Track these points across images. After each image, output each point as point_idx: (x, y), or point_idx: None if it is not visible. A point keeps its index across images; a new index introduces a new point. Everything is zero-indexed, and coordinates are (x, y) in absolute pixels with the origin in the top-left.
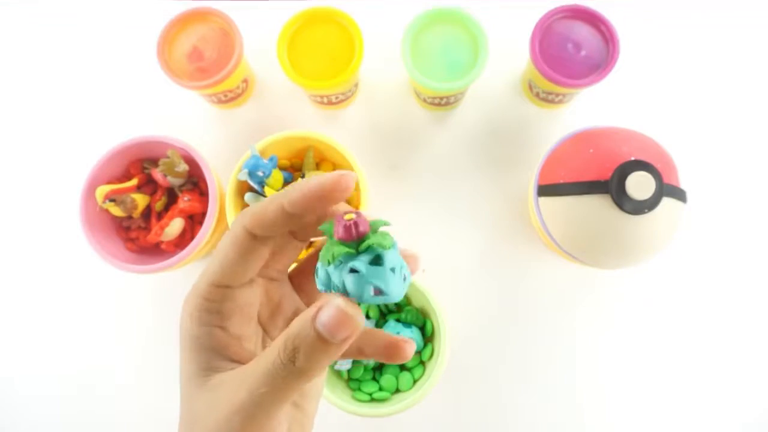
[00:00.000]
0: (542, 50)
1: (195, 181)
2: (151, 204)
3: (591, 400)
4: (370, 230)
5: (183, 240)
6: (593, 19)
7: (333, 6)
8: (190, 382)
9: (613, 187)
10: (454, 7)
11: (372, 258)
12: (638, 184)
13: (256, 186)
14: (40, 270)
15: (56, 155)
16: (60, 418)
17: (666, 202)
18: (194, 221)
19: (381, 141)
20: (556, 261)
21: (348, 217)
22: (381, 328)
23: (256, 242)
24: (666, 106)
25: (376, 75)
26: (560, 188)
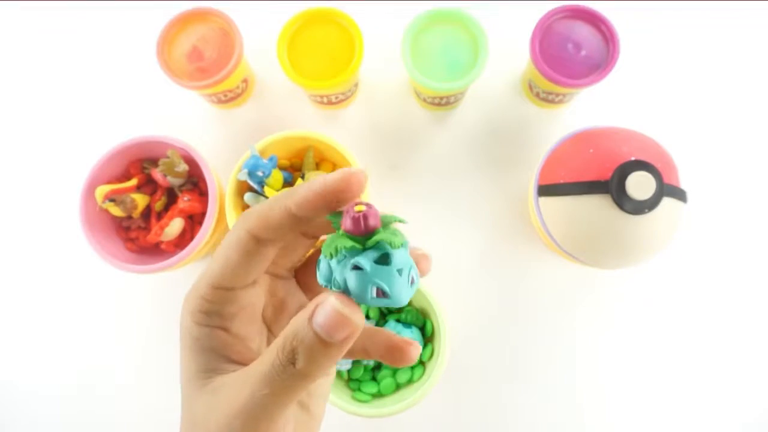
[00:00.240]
0: (542, 50)
1: (195, 181)
2: (151, 204)
3: (591, 400)
4: (381, 225)
5: (183, 240)
6: (593, 19)
7: (333, 6)
8: (191, 384)
9: (614, 187)
10: (454, 7)
11: (379, 256)
12: (638, 184)
13: (256, 186)
14: (40, 270)
15: (56, 155)
16: (60, 418)
17: (666, 202)
18: (194, 221)
19: (381, 141)
20: (556, 261)
21: (358, 209)
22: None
23: (260, 245)
24: (666, 106)
25: (376, 75)
26: (560, 188)
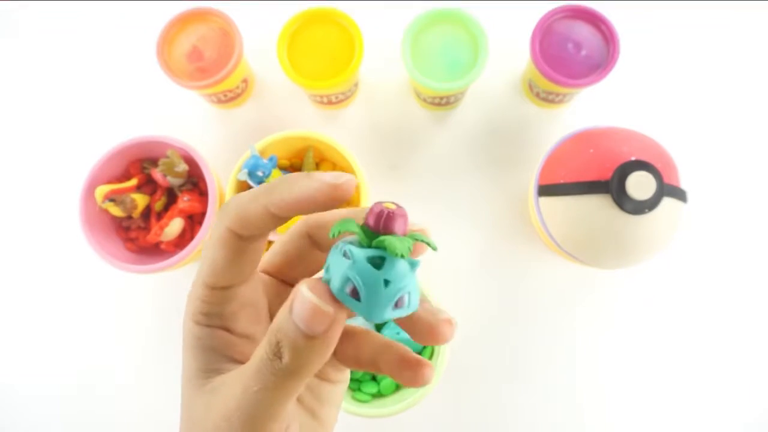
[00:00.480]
0: (542, 50)
1: (195, 181)
2: (151, 204)
3: (591, 400)
4: (404, 234)
5: (183, 240)
6: (593, 19)
7: (333, 6)
8: (190, 383)
9: (614, 187)
10: (454, 7)
11: (375, 258)
12: (638, 184)
13: (256, 186)
14: (40, 270)
15: (56, 155)
16: (60, 418)
17: (666, 202)
18: (194, 221)
19: (381, 141)
20: (556, 261)
21: (387, 206)
22: (380, 330)
23: (245, 242)
24: (666, 106)
25: (376, 75)
26: (560, 188)
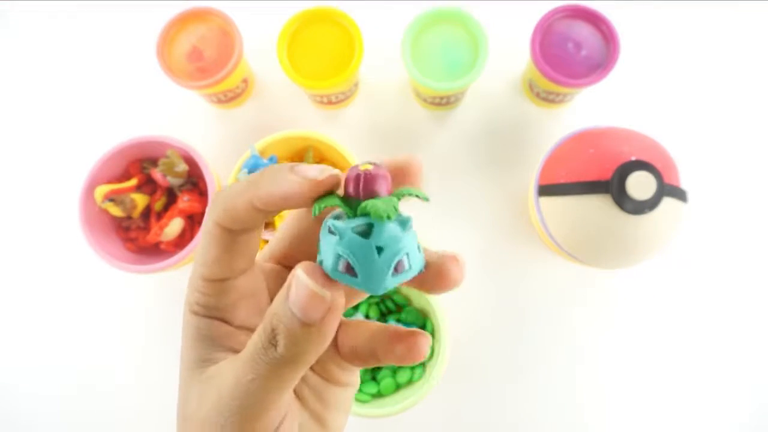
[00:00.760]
0: (543, 50)
1: (194, 181)
2: (151, 204)
3: (591, 400)
4: (389, 194)
5: (182, 240)
6: (594, 19)
7: (333, 6)
8: (186, 373)
9: (614, 187)
10: (454, 7)
11: (361, 226)
12: (639, 184)
13: None
14: (40, 270)
15: (56, 155)
16: (60, 417)
17: (666, 202)
18: (194, 221)
19: (381, 141)
20: (556, 261)
21: (364, 167)
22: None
23: (235, 235)
24: (666, 106)
25: (376, 75)
26: (561, 188)
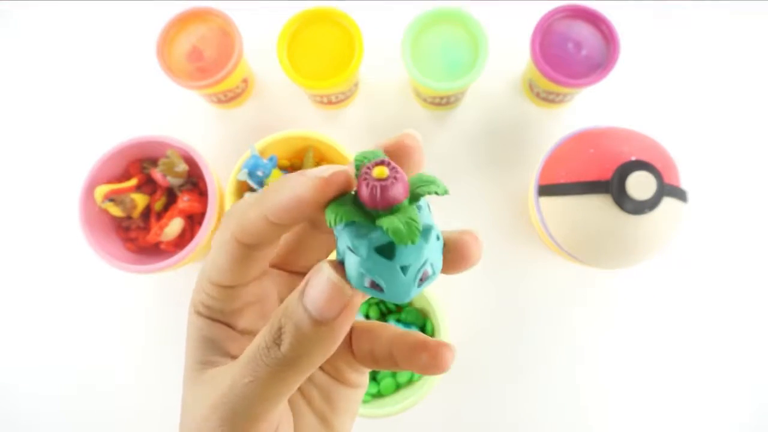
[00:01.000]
0: (543, 50)
1: (194, 181)
2: (151, 204)
3: (591, 399)
4: (407, 197)
5: (182, 240)
6: (594, 19)
7: (333, 6)
8: (187, 374)
9: (614, 187)
10: (454, 7)
11: (383, 244)
12: (639, 184)
13: (256, 186)
14: (40, 270)
15: (56, 155)
16: (60, 417)
17: (666, 202)
18: (194, 221)
19: (378, 142)
20: (556, 261)
21: (378, 174)
22: None
23: (249, 249)
24: (666, 106)
25: (376, 75)
26: (561, 188)
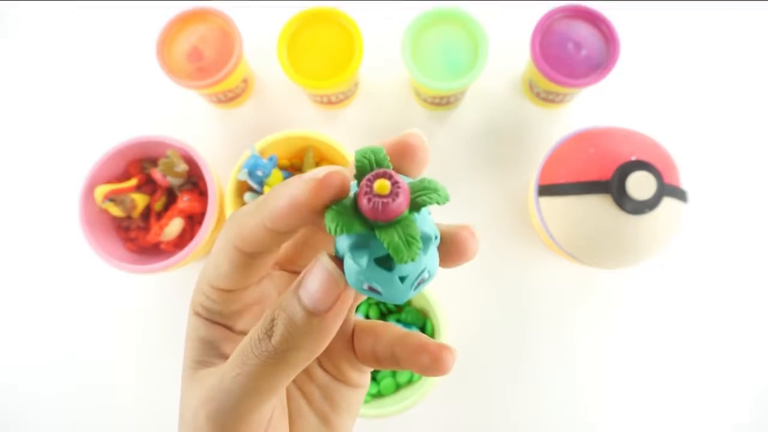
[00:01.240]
0: (543, 50)
1: (194, 181)
2: (151, 204)
3: (591, 399)
4: (408, 207)
5: (182, 240)
6: (594, 19)
7: (333, 6)
8: (184, 374)
9: (614, 187)
10: (454, 7)
11: (382, 256)
12: (639, 184)
13: (256, 186)
14: (40, 270)
15: (56, 155)
16: (59, 416)
17: (666, 202)
18: (194, 221)
19: (381, 141)
20: (557, 261)
21: (379, 188)
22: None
23: (249, 257)
24: (666, 106)
25: (376, 75)
26: (561, 188)
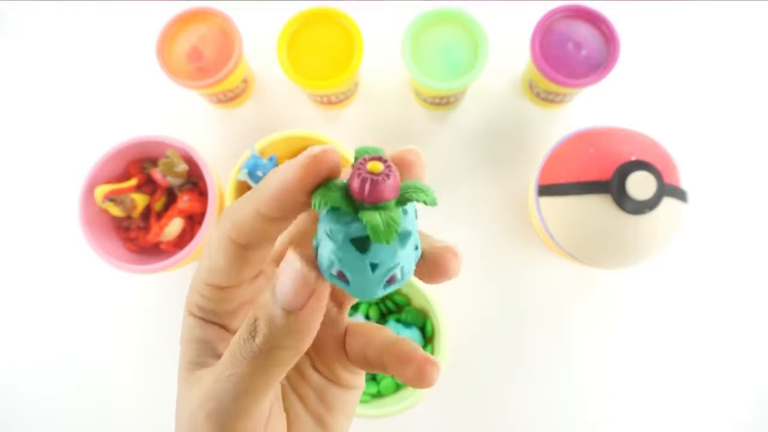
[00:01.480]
0: (543, 50)
1: (194, 181)
2: (151, 204)
3: (591, 399)
4: (394, 198)
5: (182, 240)
6: (594, 19)
7: (333, 6)
8: (180, 375)
9: (614, 187)
10: (454, 7)
11: (359, 237)
12: (639, 184)
13: (256, 186)
14: (40, 270)
15: (56, 155)
16: (60, 418)
17: (666, 202)
18: (194, 221)
19: (381, 141)
20: (556, 261)
21: (372, 167)
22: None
23: (244, 249)
24: (666, 106)
25: (376, 75)
26: (561, 188)
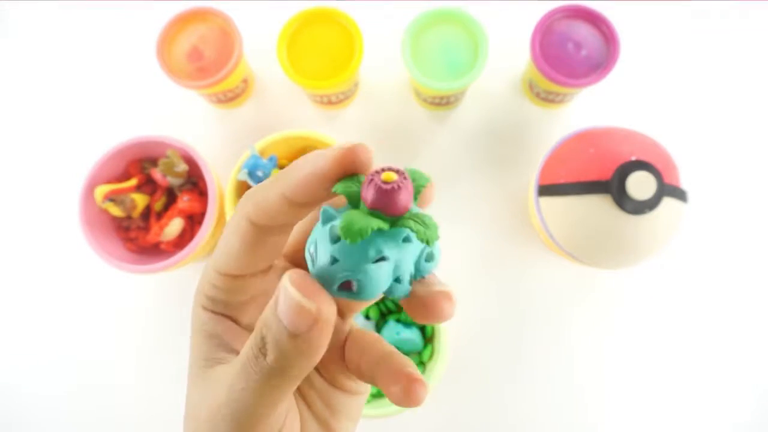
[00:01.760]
0: (543, 50)
1: (194, 181)
2: (151, 204)
3: (591, 400)
4: (398, 215)
5: (182, 240)
6: (594, 19)
7: (333, 6)
8: (192, 370)
9: (614, 187)
10: (454, 7)
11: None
12: (639, 184)
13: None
14: (40, 270)
15: (56, 155)
16: (59, 417)
17: (666, 202)
18: (194, 221)
19: (381, 141)
20: (556, 261)
21: (386, 177)
22: (380, 330)
23: (264, 234)
24: (666, 106)
25: (376, 75)
26: (561, 188)
